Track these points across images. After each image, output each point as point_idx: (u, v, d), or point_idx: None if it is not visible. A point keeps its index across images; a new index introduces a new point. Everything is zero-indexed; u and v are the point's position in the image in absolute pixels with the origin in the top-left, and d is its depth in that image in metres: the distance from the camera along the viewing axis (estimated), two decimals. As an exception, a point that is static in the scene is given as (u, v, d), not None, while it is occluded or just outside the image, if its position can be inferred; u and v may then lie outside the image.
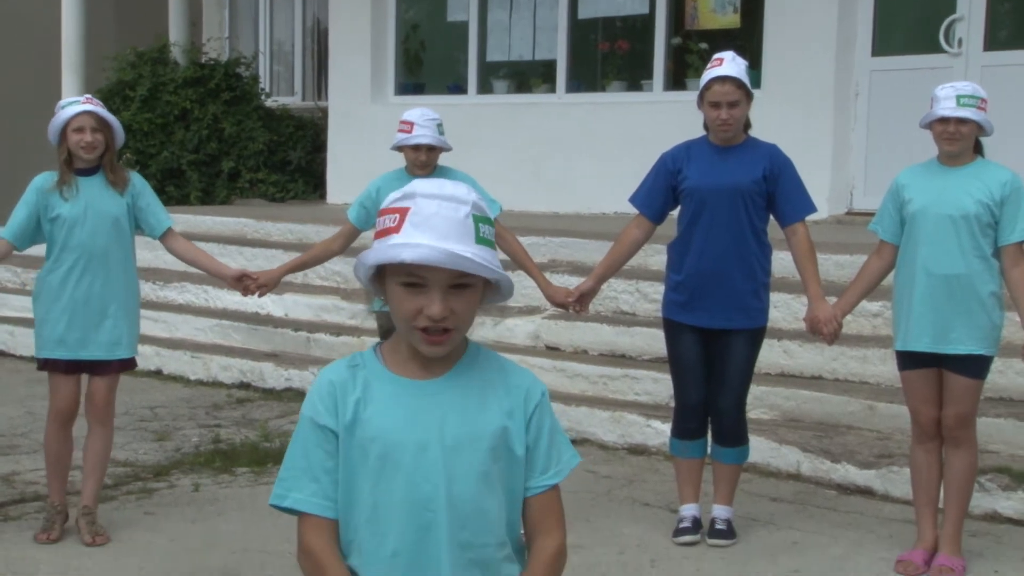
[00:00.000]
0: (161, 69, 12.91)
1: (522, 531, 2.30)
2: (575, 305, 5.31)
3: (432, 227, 2.09)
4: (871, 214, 8.93)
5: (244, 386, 8.14)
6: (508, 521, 2.25)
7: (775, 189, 5.00)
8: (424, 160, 5.58)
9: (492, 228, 2.18)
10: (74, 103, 5.14)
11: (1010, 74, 8.48)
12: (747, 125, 5.10)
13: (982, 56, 8.99)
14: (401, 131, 5.59)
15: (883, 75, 9.43)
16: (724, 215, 4.97)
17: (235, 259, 9.01)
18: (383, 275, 2.18)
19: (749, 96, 4.96)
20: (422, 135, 5.53)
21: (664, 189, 5.13)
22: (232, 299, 9.02)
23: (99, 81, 12.71)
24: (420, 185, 2.16)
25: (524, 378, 2.27)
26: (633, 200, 5.25)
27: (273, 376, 8.05)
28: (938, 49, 9.12)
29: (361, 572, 2.22)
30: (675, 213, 5.24)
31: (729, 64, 4.92)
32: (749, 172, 4.98)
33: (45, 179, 5.18)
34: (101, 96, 10.42)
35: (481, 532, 2.20)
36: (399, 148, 5.65)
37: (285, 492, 2.23)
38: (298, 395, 7.82)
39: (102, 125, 5.08)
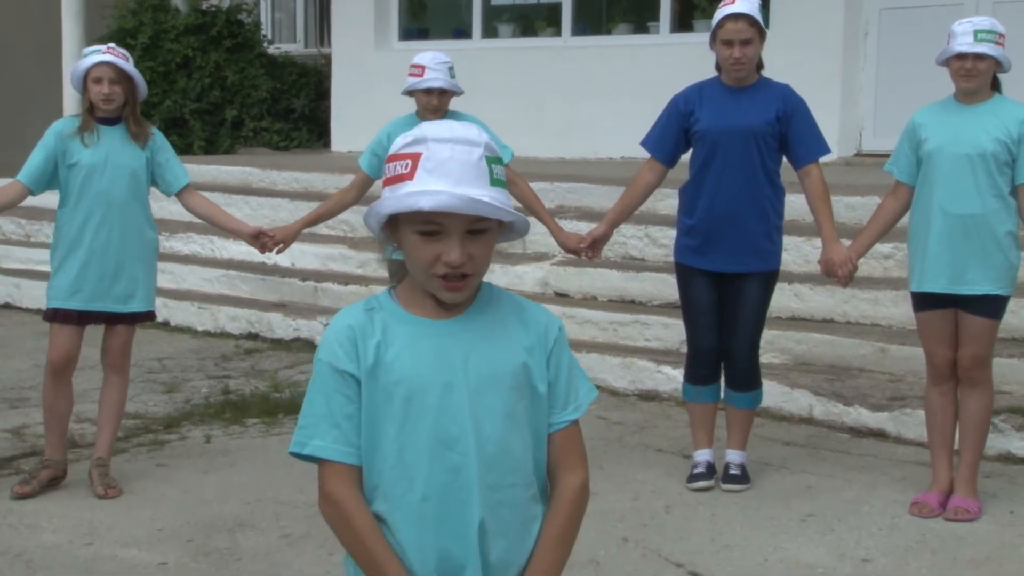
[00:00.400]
0: (162, 16, 12.78)
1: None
2: (587, 251, 5.26)
3: (447, 172, 2.05)
4: (881, 155, 8.92)
5: (252, 336, 8.11)
6: (534, 460, 2.22)
7: (788, 130, 4.93)
8: (436, 104, 5.51)
9: (503, 169, 2.13)
10: (95, 52, 5.09)
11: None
12: (759, 66, 5.02)
13: (993, -8, 8.87)
14: (412, 75, 5.50)
15: (893, 13, 9.32)
16: (737, 157, 4.91)
17: (241, 209, 8.95)
18: (395, 224, 2.13)
19: (762, 34, 4.88)
20: (434, 78, 5.45)
21: (676, 132, 5.06)
22: (238, 249, 8.97)
23: (100, 29, 12.57)
24: (430, 128, 2.10)
25: (541, 314, 2.25)
26: (645, 143, 5.17)
27: (281, 326, 8.02)
28: (949, -14, 8.99)
29: (389, 518, 2.18)
30: (687, 156, 5.17)
31: (742, 1, 4.83)
32: (762, 113, 4.91)
33: (66, 124, 5.15)
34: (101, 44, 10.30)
35: (508, 473, 2.18)
36: (410, 92, 5.55)
37: (306, 439, 2.18)
38: (307, 345, 7.81)
39: (121, 77, 5.02)
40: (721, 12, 4.87)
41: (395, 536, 2.18)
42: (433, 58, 5.49)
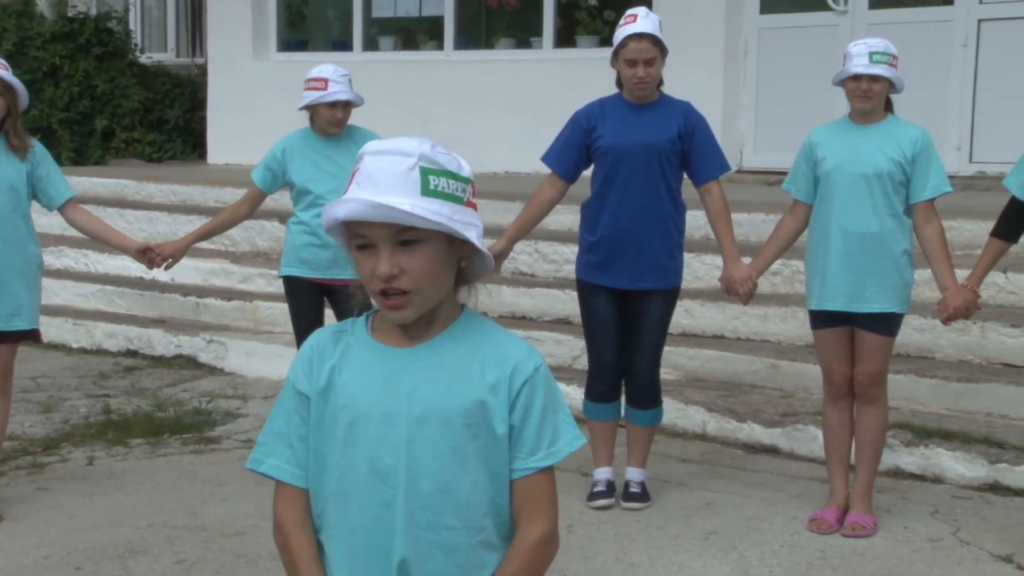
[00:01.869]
0: (27, 23, 12.39)
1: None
2: (487, 267, 5.19)
3: (372, 182, 2.01)
4: (762, 172, 9.12)
5: (131, 354, 7.87)
6: (490, 504, 2.11)
7: (689, 147, 4.96)
8: (340, 117, 5.40)
9: (457, 182, 2.04)
10: None
11: (895, 32, 8.52)
12: (660, 82, 5.04)
13: (868, 14, 9.12)
14: (313, 88, 5.36)
15: (772, 33, 9.51)
16: (639, 174, 4.91)
17: (116, 222, 8.60)
18: None
19: (664, 53, 4.90)
20: (339, 91, 5.33)
21: (578, 147, 5.05)
22: (115, 263, 8.73)
23: (-39, 35, 12.13)
24: (370, 145, 2.07)
25: (515, 351, 2.12)
26: (546, 159, 5.15)
27: (162, 343, 7.80)
28: (825, 7, 9.21)
29: (326, 547, 2.14)
30: (588, 173, 5.16)
31: (644, 20, 4.84)
32: (664, 130, 4.93)
33: None
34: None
35: (447, 514, 2.08)
36: (309, 107, 5.42)
37: (262, 457, 2.17)
38: (189, 362, 7.61)
39: (3, 88, 4.81)
40: (623, 31, 4.87)
41: (330, 566, 2.13)
42: (334, 71, 5.38)
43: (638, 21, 4.84)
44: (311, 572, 2.13)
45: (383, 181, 2.00)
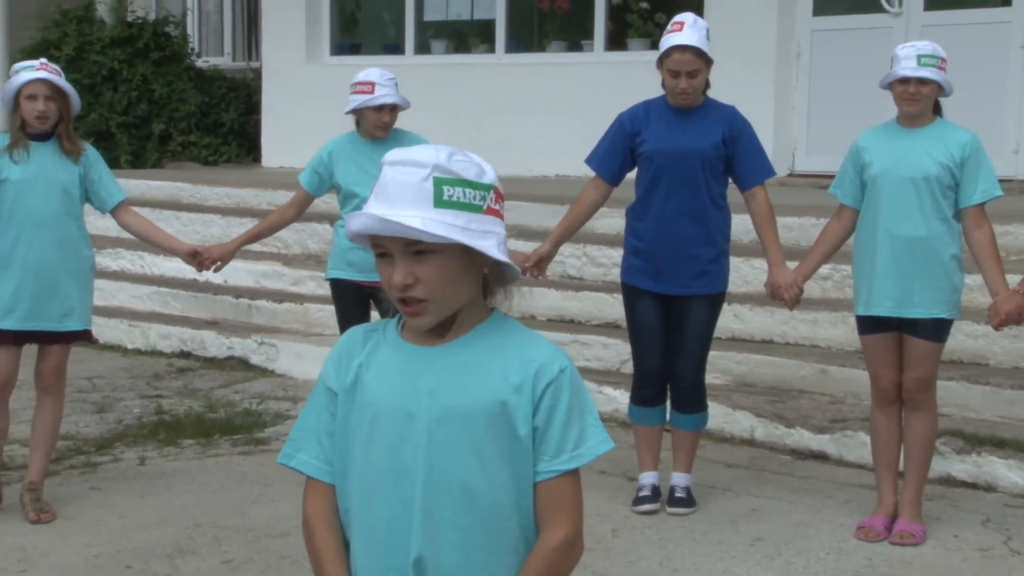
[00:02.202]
0: (87, 28, 12.55)
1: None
2: (533, 270, 5.19)
3: (386, 194, 2.04)
4: (814, 175, 9.05)
5: (185, 355, 7.96)
6: (513, 506, 2.11)
7: (734, 152, 4.94)
8: (387, 121, 5.44)
9: (474, 190, 2.05)
10: (28, 68, 4.95)
11: (951, 33, 8.48)
12: (706, 86, 5.02)
13: (923, 16, 9.03)
14: (360, 92, 5.40)
15: (825, 35, 9.43)
16: (683, 180, 4.90)
17: (171, 224, 8.78)
18: None
19: (709, 63, 4.87)
20: (386, 95, 5.37)
21: (622, 150, 5.04)
22: (169, 265, 8.82)
23: (23, 40, 12.32)
24: (390, 154, 2.09)
25: (541, 352, 2.12)
26: (589, 161, 5.14)
27: (215, 344, 7.88)
28: (879, 9, 9.13)
29: (351, 542, 2.18)
30: (632, 176, 5.15)
31: (690, 30, 4.80)
32: (708, 136, 4.91)
33: None
34: (24, 57, 10.07)
35: (465, 513, 2.09)
36: (356, 111, 5.46)
37: (293, 452, 2.22)
38: (241, 363, 7.68)
39: (56, 93, 4.90)
40: (668, 40, 4.84)
41: (353, 562, 2.17)
42: (381, 74, 5.41)
43: (684, 31, 4.80)
44: (334, 566, 2.16)
45: (396, 193, 2.03)
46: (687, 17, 4.88)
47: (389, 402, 2.11)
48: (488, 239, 2.05)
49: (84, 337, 5.17)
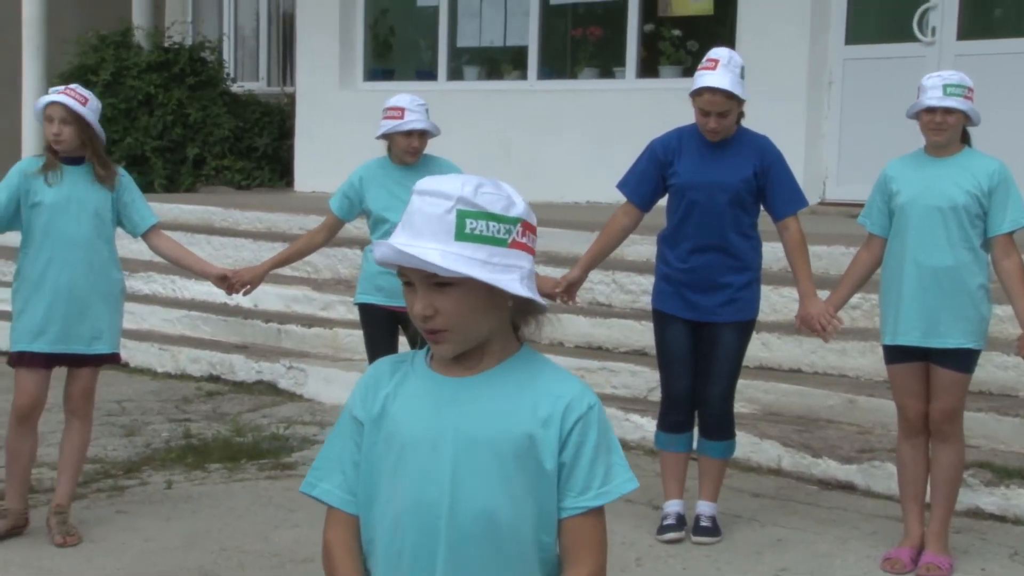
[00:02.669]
0: (124, 53, 12.69)
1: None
2: (563, 295, 5.19)
3: (410, 225, 2.06)
4: (845, 204, 9.02)
5: (214, 379, 8.00)
6: (535, 541, 2.11)
7: (765, 183, 4.94)
8: (416, 146, 5.47)
9: (499, 223, 2.05)
10: (54, 92, 5.02)
11: (983, 63, 8.45)
12: (740, 115, 5.01)
13: (955, 45, 8.98)
14: (390, 117, 5.45)
15: (857, 64, 9.41)
16: (713, 213, 4.90)
17: (203, 248, 8.85)
18: None
19: (741, 102, 4.86)
20: (415, 120, 5.41)
21: (655, 178, 5.05)
22: (200, 289, 8.88)
23: (61, 64, 12.48)
24: (420, 183, 2.10)
25: (570, 387, 2.12)
26: (622, 187, 5.15)
27: (243, 368, 7.92)
28: (912, 38, 9.10)
29: (373, 572, 2.17)
30: (663, 202, 5.16)
31: (723, 70, 4.78)
32: (739, 170, 4.91)
33: (30, 163, 5.10)
34: (61, 81, 10.19)
35: (489, 546, 2.08)
36: (386, 136, 5.50)
37: (316, 481, 2.23)
38: (269, 388, 7.72)
39: (73, 118, 4.94)
40: (700, 78, 4.82)
41: None
42: (411, 100, 5.45)
43: (717, 69, 4.78)
44: None
45: (419, 224, 2.04)
46: (722, 55, 4.85)
47: (415, 433, 2.11)
48: (510, 273, 2.05)
49: (113, 360, 5.21)
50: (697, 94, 4.84)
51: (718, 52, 4.89)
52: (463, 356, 2.12)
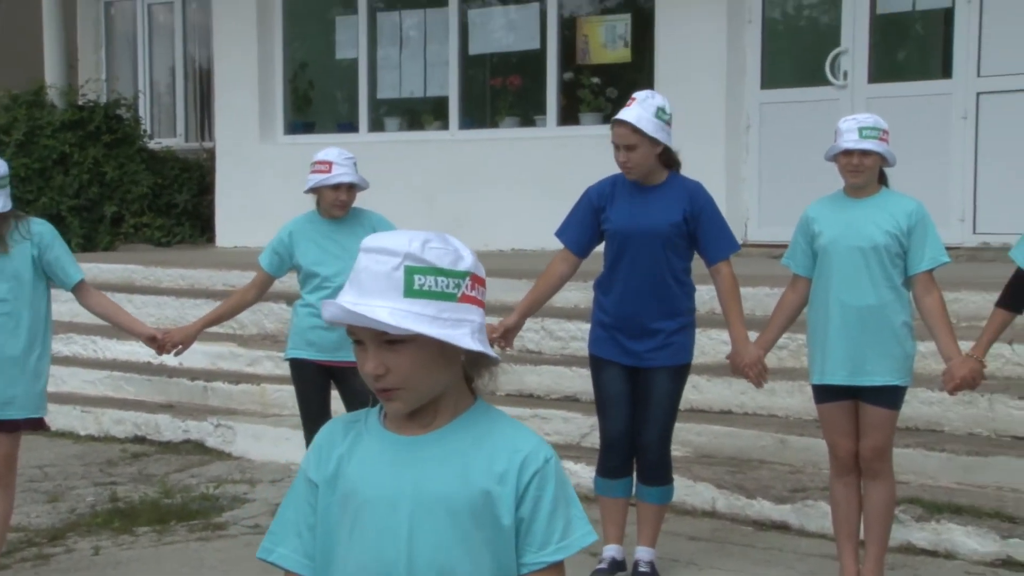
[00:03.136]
0: (38, 112, 12.54)
1: None
2: (500, 342, 5.17)
3: (358, 282, 2.03)
4: (766, 245, 9.13)
5: (139, 440, 7.86)
6: None
7: (696, 228, 4.98)
8: (344, 199, 5.46)
9: (448, 278, 2.02)
10: None
11: (895, 105, 8.66)
12: (675, 163, 5.06)
13: (867, 88, 9.18)
14: (317, 171, 5.44)
15: (773, 107, 9.58)
16: (644, 258, 4.94)
17: (125, 308, 8.67)
18: None
19: (650, 140, 4.90)
20: (343, 173, 5.40)
21: (591, 224, 5.09)
22: (122, 349, 8.75)
23: (-28, 126, 12.29)
24: (367, 240, 2.08)
25: (526, 442, 2.09)
26: (560, 235, 5.19)
27: (170, 428, 7.80)
28: (825, 81, 9.30)
29: None
30: (600, 248, 5.19)
31: (636, 106, 4.87)
32: (668, 215, 4.95)
33: None
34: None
35: None
36: (315, 190, 5.48)
37: (272, 546, 2.18)
38: (196, 447, 7.60)
39: None
40: (615, 116, 4.97)
41: None
42: (339, 154, 5.45)
43: (631, 106, 4.90)
44: None
45: (367, 282, 2.02)
46: (641, 94, 4.96)
47: (372, 492, 2.09)
48: (460, 328, 2.03)
49: (34, 426, 5.08)
50: (611, 128, 4.92)
51: (640, 92, 5.00)
52: (417, 413, 2.10)
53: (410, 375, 2.04)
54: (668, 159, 5.02)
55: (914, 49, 9.51)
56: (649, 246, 4.93)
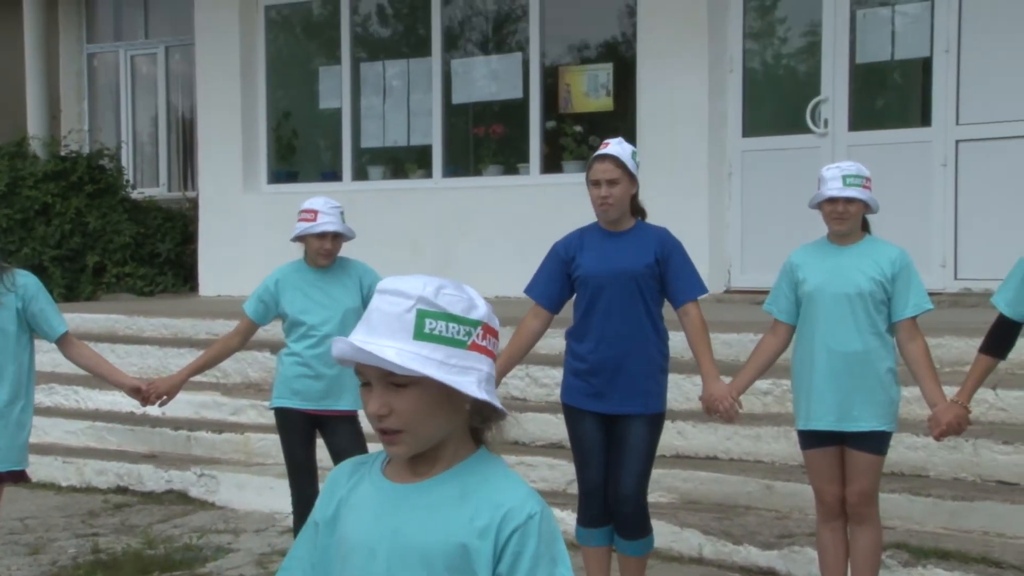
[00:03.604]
0: (20, 163, 12.55)
1: None
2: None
3: (368, 323, 2.04)
4: (750, 291, 9.18)
5: (121, 490, 7.80)
6: None
7: (666, 271, 5.00)
8: (329, 248, 5.47)
9: (460, 325, 2.03)
10: None
11: (875, 153, 8.74)
12: (640, 211, 5.11)
13: (848, 136, 9.26)
14: (304, 220, 5.46)
15: (754, 155, 9.65)
16: (620, 300, 4.95)
17: (108, 358, 8.62)
18: None
19: (631, 178, 4.97)
20: (328, 222, 5.42)
21: (560, 277, 5.09)
22: (104, 399, 8.71)
23: (-45, 176, 12.27)
24: (383, 282, 2.09)
25: (512, 496, 2.06)
26: (529, 292, 5.19)
27: (152, 478, 7.74)
28: (805, 129, 9.37)
29: None
30: (571, 300, 5.19)
31: (612, 146, 4.99)
32: (641, 257, 4.97)
33: None
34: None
35: None
36: (300, 238, 5.50)
37: None
38: (180, 497, 7.54)
39: None
40: (594, 155, 5.02)
41: None
42: (325, 203, 5.48)
43: (609, 146, 4.99)
44: None
45: (377, 321, 2.03)
46: (614, 140, 5.07)
47: (356, 538, 2.10)
48: (467, 375, 2.02)
49: (15, 478, 5.04)
50: (589, 167, 4.99)
51: (610, 139, 5.10)
52: (417, 461, 2.10)
53: (412, 418, 2.03)
54: (635, 206, 5.07)
55: (893, 97, 9.60)
56: (625, 289, 4.94)
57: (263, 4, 11.94)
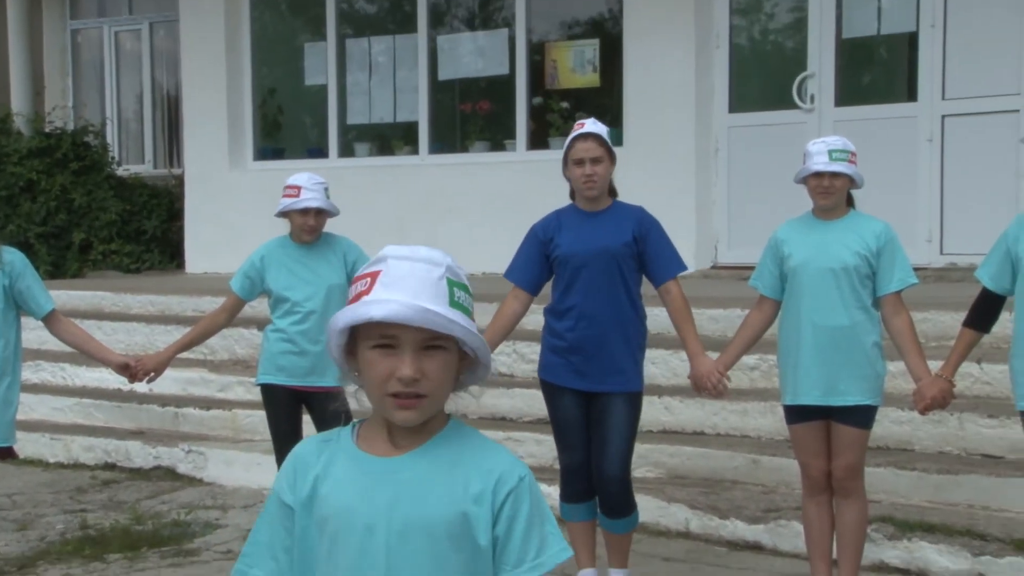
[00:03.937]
0: (4, 140, 12.50)
1: None
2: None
3: (404, 287, 2.00)
4: (736, 267, 9.21)
5: (109, 467, 7.80)
6: None
7: (644, 250, 4.99)
8: (313, 224, 5.47)
9: (470, 297, 2.07)
10: None
11: (861, 128, 8.74)
12: (613, 191, 5.11)
13: (834, 111, 9.27)
14: (287, 196, 5.45)
15: (741, 131, 9.66)
16: (599, 279, 4.95)
17: (94, 335, 8.59)
18: (355, 349, 2.08)
19: (612, 157, 4.97)
20: (311, 198, 5.41)
21: (539, 259, 5.09)
22: (92, 376, 8.70)
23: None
24: (392, 248, 2.08)
25: (500, 461, 2.11)
26: (509, 275, 5.18)
27: (140, 454, 7.74)
28: (792, 105, 9.38)
29: None
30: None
31: (591, 125, 4.99)
32: (619, 235, 4.97)
33: None
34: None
35: None
36: (284, 214, 5.49)
37: (246, 568, 2.17)
38: (168, 473, 7.55)
39: None
40: (572, 135, 5.02)
41: None
42: (309, 178, 5.47)
43: (586, 126, 4.98)
44: None
45: (415, 286, 2.00)
46: (587, 119, 5.08)
47: (348, 515, 2.08)
48: (480, 340, 2.08)
49: (2, 455, 5.04)
50: (570, 147, 4.97)
51: (583, 118, 5.12)
52: (397, 434, 2.10)
53: (439, 383, 2.05)
54: (612, 187, 5.07)
55: (880, 73, 9.61)
56: (604, 267, 4.94)
57: (248, -21, 11.88)
